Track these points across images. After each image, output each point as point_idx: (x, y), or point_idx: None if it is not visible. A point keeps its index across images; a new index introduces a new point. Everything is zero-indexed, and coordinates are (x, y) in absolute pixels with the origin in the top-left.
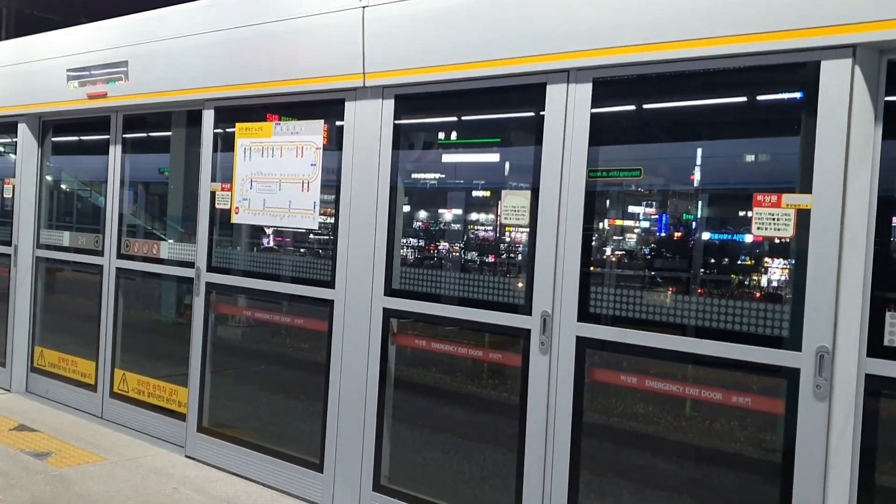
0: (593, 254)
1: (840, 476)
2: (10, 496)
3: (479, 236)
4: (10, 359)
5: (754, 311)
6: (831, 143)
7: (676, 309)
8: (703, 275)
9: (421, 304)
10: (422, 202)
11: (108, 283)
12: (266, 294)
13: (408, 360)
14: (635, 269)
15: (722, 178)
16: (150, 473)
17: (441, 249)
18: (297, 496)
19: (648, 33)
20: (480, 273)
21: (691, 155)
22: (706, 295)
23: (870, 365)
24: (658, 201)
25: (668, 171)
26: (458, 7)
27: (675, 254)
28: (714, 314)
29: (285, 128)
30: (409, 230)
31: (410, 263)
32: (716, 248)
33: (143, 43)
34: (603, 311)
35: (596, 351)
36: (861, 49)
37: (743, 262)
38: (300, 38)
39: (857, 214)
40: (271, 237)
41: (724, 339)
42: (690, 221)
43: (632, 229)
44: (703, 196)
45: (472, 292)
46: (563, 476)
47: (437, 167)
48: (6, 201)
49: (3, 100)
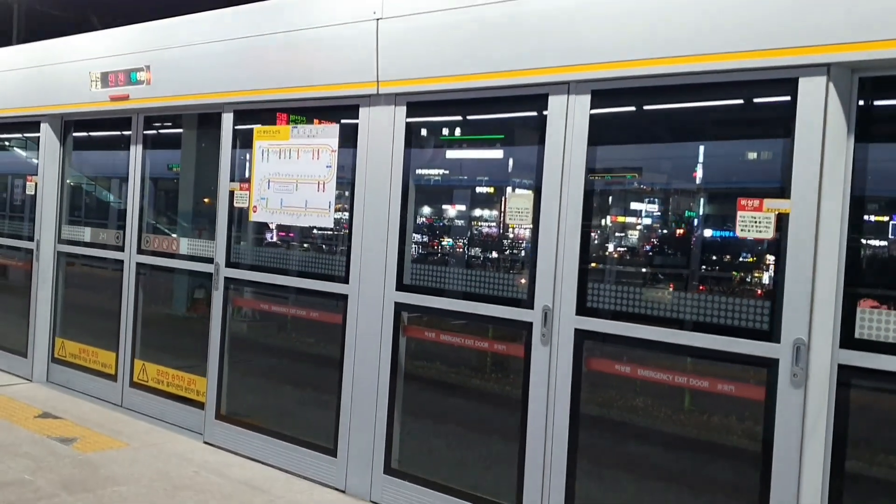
0: (591, 251)
1: (814, 457)
2: (41, 478)
3: (484, 233)
4: (31, 350)
5: (739, 307)
6: (808, 152)
7: (668, 304)
8: (694, 272)
9: (431, 299)
10: (430, 201)
11: (128, 278)
12: (282, 289)
13: (417, 351)
14: (631, 266)
15: (712, 179)
16: (172, 458)
17: (448, 246)
18: (312, 479)
19: (644, 50)
20: (485, 269)
21: (683, 157)
22: (695, 291)
23: (842, 355)
24: (652, 201)
25: (661, 173)
26: (466, 22)
27: (668, 252)
28: (702, 309)
29: (302, 131)
30: (419, 227)
31: (419, 260)
32: (707, 247)
33: (164, 48)
34: (600, 305)
35: (593, 342)
36: (835, 68)
37: (730, 261)
38: (318, 47)
39: (831, 217)
40: (275, 232)
41: (711, 332)
42: (684, 221)
43: (627, 227)
44: (695, 196)
45: (478, 287)
46: (562, 457)
47: (445, 169)
48: (30, 198)
49: (27, 100)
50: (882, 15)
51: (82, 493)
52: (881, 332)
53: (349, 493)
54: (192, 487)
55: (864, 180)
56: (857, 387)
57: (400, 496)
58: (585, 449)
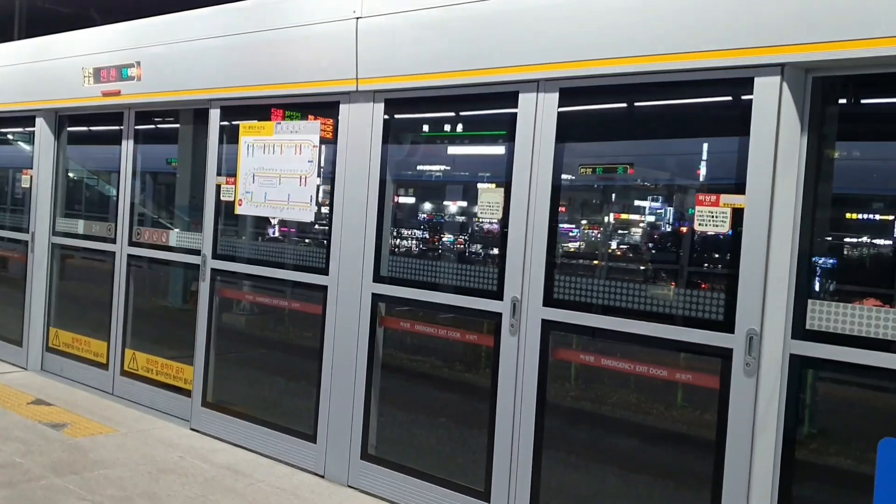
0: (558, 245)
1: (766, 442)
2: (31, 461)
3: (458, 226)
4: (26, 339)
5: (695, 298)
6: (762, 149)
7: (629, 296)
8: (654, 265)
9: (405, 290)
10: (407, 195)
11: (119, 269)
12: (266, 280)
13: (394, 340)
14: (595, 259)
15: (673, 175)
16: (158, 443)
17: (423, 237)
18: (292, 464)
19: (607, 50)
20: (458, 261)
21: (645, 154)
22: (655, 283)
23: (794, 346)
24: (618, 196)
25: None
26: (442, 22)
27: (631, 245)
28: (659, 300)
29: (285, 127)
30: (396, 220)
31: (395, 252)
32: (667, 241)
33: (154, 45)
34: (565, 297)
35: (558, 332)
36: (789, 68)
37: (687, 253)
38: (301, 45)
39: (784, 212)
40: (277, 228)
41: (669, 323)
42: (644, 214)
43: (593, 222)
44: (657, 192)
45: (451, 279)
46: (529, 436)
47: (420, 164)
48: (24, 191)
49: (22, 95)
50: (833, 17)
51: (70, 476)
52: (831, 323)
53: (328, 477)
54: (175, 471)
55: (817, 177)
56: (808, 375)
57: (376, 480)
58: (551, 435)
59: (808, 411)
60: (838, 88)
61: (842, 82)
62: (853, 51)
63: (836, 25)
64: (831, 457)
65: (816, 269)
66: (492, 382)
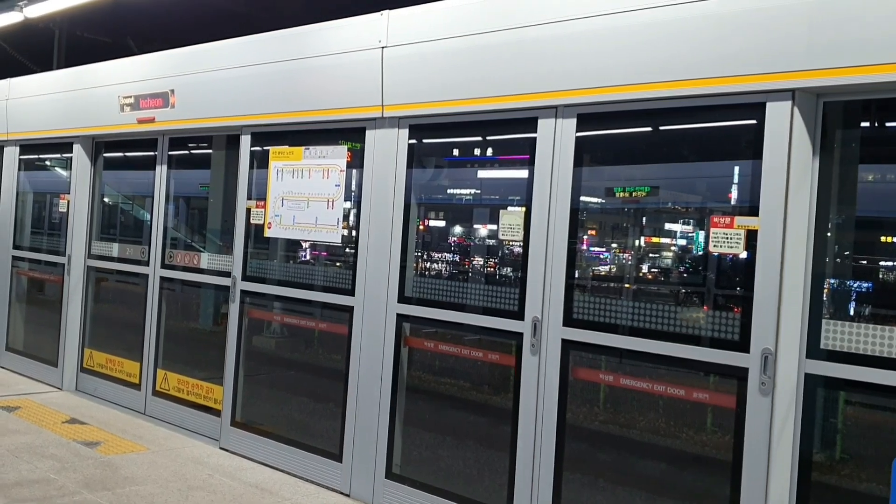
0: (578, 266)
1: (782, 462)
2: (64, 477)
3: (480, 248)
4: (62, 360)
5: (711, 318)
6: (775, 172)
7: (646, 316)
8: (671, 286)
9: (429, 311)
10: (435, 217)
11: (152, 291)
12: (294, 301)
13: (418, 360)
14: (615, 281)
15: (690, 197)
16: (188, 462)
17: (445, 259)
18: (319, 483)
19: (623, 77)
20: (481, 282)
21: (662, 178)
22: (673, 304)
23: (808, 365)
24: (636, 218)
25: (643, 191)
26: (464, 50)
27: (650, 267)
28: (679, 321)
29: (313, 152)
30: (420, 243)
31: (420, 273)
32: (686, 262)
33: (187, 74)
34: (585, 317)
35: (578, 352)
36: (799, 93)
37: (704, 274)
38: (328, 74)
39: (797, 233)
40: (308, 251)
41: (685, 342)
42: (671, 238)
43: (613, 244)
44: (675, 214)
45: (474, 300)
46: (550, 453)
47: (444, 187)
48: (61, 215)
49: (61, 122)
50: (842, 43)
51: (102, 492)
52: (846, 343)
53: (353, 496)
54: (205, 488)
55: (829, 198)
56: (823, 395)
57: (400, 499)
58: (571, 452)
59: (823, 430)
60: (849, 112)
61: (852, 106)
62: (862, 76)
63: (845, 51)
64: (845, 477)
65: (832, 290)
66: (513, 402)
